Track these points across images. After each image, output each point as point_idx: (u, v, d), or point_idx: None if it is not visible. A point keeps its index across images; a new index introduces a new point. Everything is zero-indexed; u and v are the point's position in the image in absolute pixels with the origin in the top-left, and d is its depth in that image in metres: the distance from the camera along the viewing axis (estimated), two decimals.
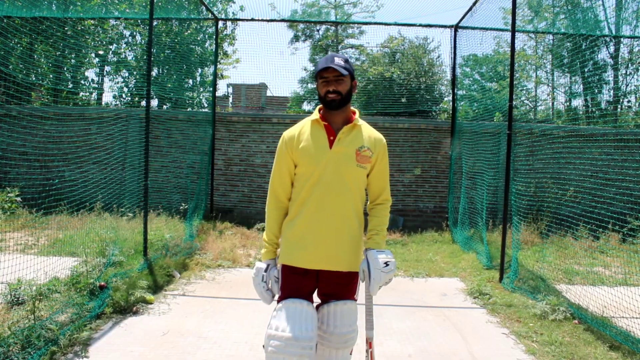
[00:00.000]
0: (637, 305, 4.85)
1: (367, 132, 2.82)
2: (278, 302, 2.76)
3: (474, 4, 8.82)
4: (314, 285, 2.80)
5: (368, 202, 2.94)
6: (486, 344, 4.55)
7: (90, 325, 4.51)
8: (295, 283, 2.73)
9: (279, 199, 2.83)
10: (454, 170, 10.20)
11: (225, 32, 20.25)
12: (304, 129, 2.79)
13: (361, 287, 2.86)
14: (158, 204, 9.65)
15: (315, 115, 2.80)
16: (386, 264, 2.64)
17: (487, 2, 8.32)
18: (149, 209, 7.30)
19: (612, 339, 4.52)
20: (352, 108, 2.85)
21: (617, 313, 5.04)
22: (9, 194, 8.83)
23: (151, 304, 5.33)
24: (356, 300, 2.87)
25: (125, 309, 5.04)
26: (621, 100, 16.14)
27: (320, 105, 2.84)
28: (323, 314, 2.77)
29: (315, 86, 2.84)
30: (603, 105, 17.08)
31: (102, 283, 5.22)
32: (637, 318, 4.84)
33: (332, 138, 2.72)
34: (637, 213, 7.89)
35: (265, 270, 2.82)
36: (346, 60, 2.73)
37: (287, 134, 2.83)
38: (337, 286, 2.79)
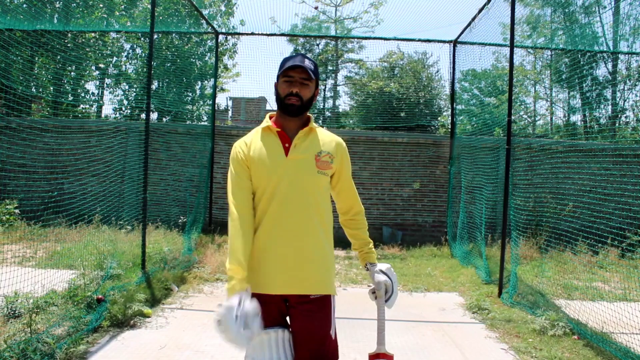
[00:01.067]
0: (637, 321, 4.83)
1: (325, 135, 2.55)
2: None
3: (473, 19, 8.89)
4: (283, 312, 2.45)
5: (340, 216, 2.68)
6: (485, 359, 4.53)
7: (87, 339, 4.48)
8: (262, 316, 2.26)
9: (243, 217, 2.39)
10: (452, 185, 10.21)
11: (226, 46, 20.38)
12: (255, 138, 2.51)
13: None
14: (157, 217, 9.64)
15: (267, 122, 2.52)
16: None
17: (486, 17, 8.38)
18: (148, 222, 7.29)
19: (612, 355, 4.50)
20: (307, 113, 2.56)
21: (616, 329, 5.02)
22: (7, 206, 8.82)
23: (149, 317, 5.30)
24: (335, 338, 2.50)
25: (122, 323, 5.01)
26: (619, 115, 16.21)
27: (271, 112, 2.60)
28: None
29: (274, 86, 2.52)
30: (601, 121, 17.16)
31: (100, 296, 5.20)
32: (637, 334, 4.82)
33: (287, 145, 2.43)
34: (636, 228, 7.89)
35: (239, 304, 2.14)
36: (315, 65, 2.50)
37: (238, 143, 2.55)
38: (308, 319, 2.39)
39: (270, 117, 2.57)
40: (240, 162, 2.50)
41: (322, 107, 21.71)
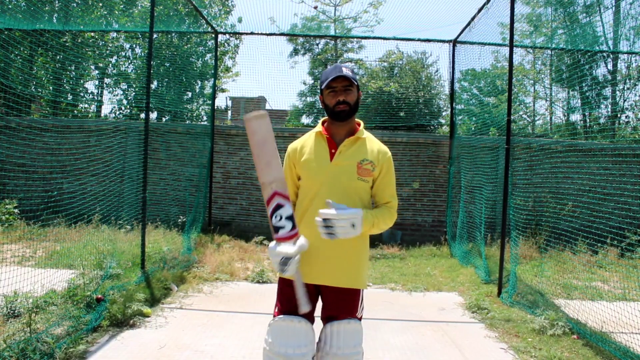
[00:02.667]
0: (636, 320, 4.83)
1: (371, 144, 2.77)
2: (274, 316, 2.73)
3: (472, 19, 8.89)
4: (314, 297, 2.72)
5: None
6: (484, 359, 4.53)
7: (86, 339, 4.48)
8: (291, 297, 2.62)
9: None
10: (452, 185, 10.21)
11: (227, 48, 20.36)
12: (307, 142, 2.77)
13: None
14: (156, 217, 9.64)
15: (319, 127, 2.78)
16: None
17: (486, 17, 8.38)
18: (147, 222, 7.29)
19: (612, 355, 4.50)
20: (356, 120, 2.81)
21: (616, 328, 5.03)
22: (7, 206, 8.82)
23: (148, 317, 5.30)
24: (360, 319, 2.77)
25: (122, 322, 5.01)
26: (619, 115, 16.21)
27: (325, 118, 2.82)
28: (326, 334, 2.67)
29: (318, 98, 2.79)
30: (601, 120, 17.15)
31: (99, 296, 5.20)
32: (636, 334, 4.83)
33: (333, 151, 2.69)
34: (635, 228, 7.89)
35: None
36: (352, 71, 2.69)
37: (291, 147, 2.82)
38: (338, 303, 2.69)
39: (323, 123, 2.83)
40: (288, 164, 2.81)
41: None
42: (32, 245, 7.82)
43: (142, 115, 14.75)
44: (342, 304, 2.69)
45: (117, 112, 17.14)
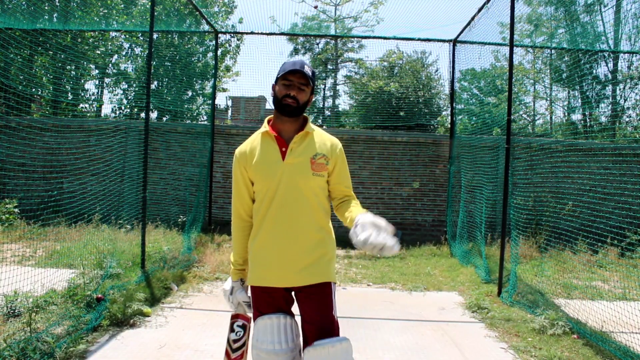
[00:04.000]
0: (636, 320, 4.83)
1: (321, 138, 2.70)
2: (254, 319, 2.71)
3: (473, 18, 8.89)
4: (288, 300, 2.69)
5: (333, 204, 2.78)
6: (484, 359, 4.52)
7: (86, 338, 4.48)
8: (267, 300, 2.64)
9: (242, 219, 2.74)
10: (452, 184, 10.21)
11: (228, 48, 20.36)
12: (255, 144, 2.67)
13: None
14: (156, 216, 9.64)
15: (265, 127, 2.68)
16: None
17: (486, 16, 8.38)
18: (147, 221, 7.29)
19: (612, 354, 4.50)
20: (304, 115, 2.72)
21: (616, 328, 5.02)
22: (7, 205, 8.82)
23: (148, 316, 5.30)
24: (336, 319, 2.65)
25: (122, 322, 5.01)
26: (619, 115, 16.21)
27: (270, 116, 2.74)
28: (309, 357, 2.50)
29: (272, 88, 2.69)
30: (602, 120, 17.15)
31: (99, 295, 5.20)
32: (636, 333, 4.82)
33: (284, 149, 2.59)
34: (635, 227, 7.89)
35: (231, 293, 2.79)
36: (313, 73, 2.66)
37: (238, 150, 2.72)
38: (312, 303, 2.59)
39: (269, 121, 2.72)
40: (239, 169, 2.69)
41: (321, 106, 21.70)
42: (32, 244, 7.83)
43: (142, 115, 14.76)
44: (316, 303, 2.60)
45: (118, 112, 17.15)
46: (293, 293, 2.71)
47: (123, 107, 17.30)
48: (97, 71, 16.72)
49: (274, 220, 2.58)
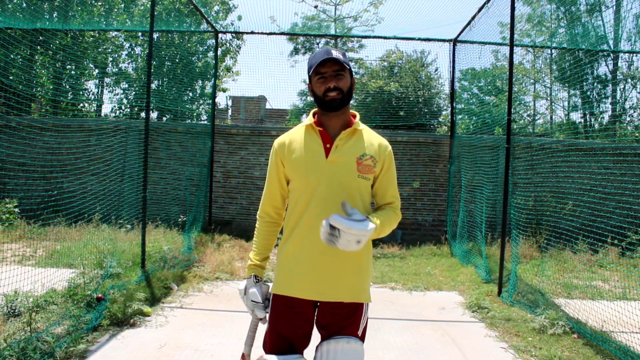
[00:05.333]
0: (636, 319, 4.83)
1: (370, 137, 2.45)
2: (264, 346, 2.46)
3: (473, 18, 8.89)
4: (310, 321, 2.39)
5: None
6: (485, 359, 4.52)
7: (87, 338, 4.48)
8: (289, 316, 2.35)
9: (269, 215, 2.51)
10: (452, 184, 10.21)
11: (229, 47, 20.35)
12: (296, 137, 2.40)
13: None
14: (156, 216, 9.64)
15: (310, 120, 2.42)
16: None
17: (486, 16, 8.37)
18: (147, 221, 7.29)
19: (612, 354, 4.50)
20: (351, 111, 2.48)
21: (616, 328, 5.02)
22: (7, 205, 8.82)
23: (148, 316, 5.30)
24: (362, 339, 2.39)
25: (122, 322, 5.01)
26: (619, 115, 16.20)
27: (315, 109, 2.47)
28: (321, 353, 2.29)
29: (308, 89, 2.44)
30: (602, 120, 17.15)
31: (100, 295, 5.20)
32: (636, 333, 4.82)
33: (328, 146, 2.33)
34: (636, 227, 7.89)
35: (245, 293, 2.45)
36: (344, 54, 2.36)
37: (277, 141, 2.46)
38: (337, 317, 2.33)
39: (314, 115, 2.47)
40: (275, 162, 2.45)
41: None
42: (32, 244, 7.83)
43: (143, 115, 14.75)
44: (342, 320, 2.33)
45: (118, 112, 17.15)
46: (316, 309, 2.42)
47: (123, 107, 17.30)
48: (97, 71, 16.72)
49: (311, 224, 2.29)
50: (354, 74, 2.48)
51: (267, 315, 2.40)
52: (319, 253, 2.29)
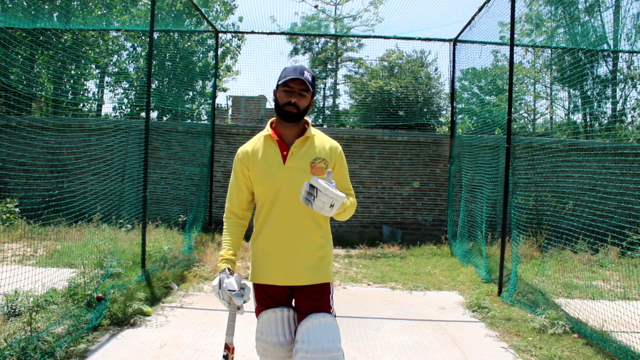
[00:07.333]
0: (637, 319, 4.83)
1: (322, 141, 2.76)
2: (257, 313, 2.82)
3: (473, 18, 8.88)
4: (290, 293, 2.77)
5: None
6: (485, 358, 4.52)
7: (87, 337, 4.48)
8: (271, 294, 2.75)
9: (237, 216, 2.81)
10: (453, 184, 10.21)
11: (230, 46, 20.35)
12: (257, 146, 2.74)
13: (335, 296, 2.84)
14: (157, 216, 9.64)
15: (267, 130, 2.75)
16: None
17: (486, 16, 8.37)
18: (148, 221, 7.29)
19: (612, 354, 4.50)
20: (305, 119, 2.78)
21: (617, 327, 5.02)
22: (7, 205, 8.82)
23: (149, 316, 5.30)
24: (334, 315, 2.74)
25: (122, 321, 5.01)
26: (618, 114, 16.20)
27: (273, 119, 2.80)
28: (302, 331, 2.62)
29: (273, 93, 2.75)
30: (602, 120, 17.14)
31: (100, 295, 5.20)
32: (637, 332, 4.82)
33: (285, 153, 2.66)
34: (636, 227, 7.89)
35: (219, 287, 2.57)
36: (313, 77, 2.71)
37: (241, 150, 2.79)
38: (311, 301, 2.69)
39: (272, 124, 2.79)
40: (240, 169, 2.76)
41: (322, 105, 21.70)
42: (32, 244, 7.83)
43: (143, 114, 14.75)
44: (315, 301, 2.70)
45: (118, 111, 17.15)
46: (292, 290, 2.79)
47: (124, 107, 17.30)
48: (97, 70, 16.72)
49: (275, 223, 2.67)
50: (315, 90, 2.81)
51: (244, 303, 2.58)
52: (286, 246, 2.66)
